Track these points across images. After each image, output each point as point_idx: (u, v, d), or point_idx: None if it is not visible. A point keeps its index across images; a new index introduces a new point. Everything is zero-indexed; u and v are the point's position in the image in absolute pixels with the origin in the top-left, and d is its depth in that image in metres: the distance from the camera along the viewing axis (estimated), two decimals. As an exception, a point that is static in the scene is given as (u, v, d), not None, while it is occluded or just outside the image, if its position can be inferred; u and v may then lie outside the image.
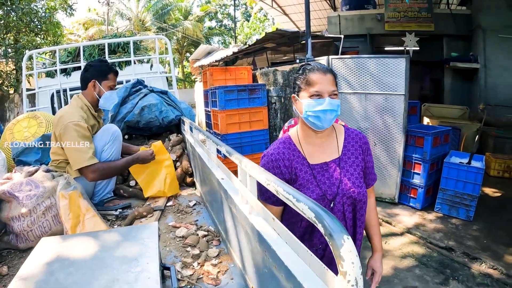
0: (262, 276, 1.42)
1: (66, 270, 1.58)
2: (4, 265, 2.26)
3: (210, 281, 1.81)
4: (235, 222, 1.74)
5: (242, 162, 1.51)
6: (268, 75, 7.50)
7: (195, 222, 2.65)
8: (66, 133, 2.82)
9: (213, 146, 2.32)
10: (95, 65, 3.16)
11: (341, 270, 0.81)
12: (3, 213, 2.44)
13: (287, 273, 1.06)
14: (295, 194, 1.06)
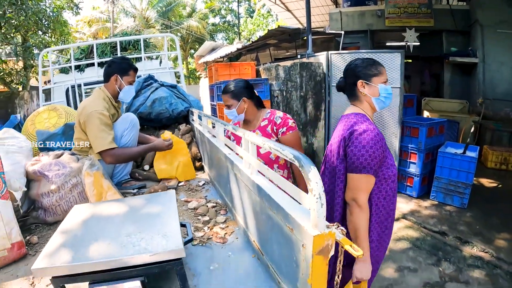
0: (260, 225, 1.79)
1: (99, 224, 1.91)
2: (34, 235, 2.54)
3: (219, 240, 2.15)
4: (239, 186, 2.10)
5: (245, 133, 1.89)
6: (270, 70, 7.77)
7: (204, 197, 2.99)
8: (90, 120, 3.14)
9: (221, 127, 2.68)
10: (118, 61, 3.48)
11: (309, 187, 1.17)
12: (33, 191, 2.74)
13: (277, 208, 1.43)
14: (281, 146, 1.43)
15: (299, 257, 1.28)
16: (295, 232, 1.28)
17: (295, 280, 1.37)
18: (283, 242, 1.45)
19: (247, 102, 2.99)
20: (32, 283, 1.92)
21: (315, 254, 1.17)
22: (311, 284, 1.22)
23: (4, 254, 2.14)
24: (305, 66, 7.03)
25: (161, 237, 1.63)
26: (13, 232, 2.20)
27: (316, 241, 1.15)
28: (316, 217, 1.18)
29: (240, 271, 1.83)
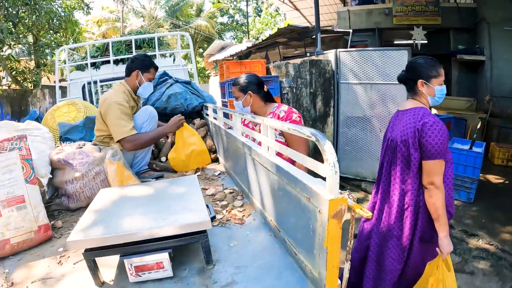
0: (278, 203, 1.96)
1: (127, 203, 2.07)
2: (58, 220, 2.69)
3: (237, 221, 2.31)
4: (257, 170, 2.27)
5: (264, 120, 2.06)
6: (280, 67, 7.91)
7: (221, 185, 3.15)
8: (110, 110, 3.31)
9: (238, 117, 2.83)
10: (141, 58, 3.67)
11: (325, 157, 1.34)
12: (57, 179, 2.90)
13: (295, 181, 1.60)
14: (299, 126, 1.62)
15: (316, 224, 1.44)
16: (312, 201, 1.45)
17: (311, 248, 1.53)
18: (300, 213, 1.61)
19: (253, 96, 3.17)
20: (59, 262, 2.05)
21: (330, 218, 1.33)
22: (327, 246, 1.37)
23: (31, 236, 2.27)
24: (314, 63, 7.16)
25: (188, 212, 1.79)
26: (40, 215, 2.34)
27: (331, 204, 1.31)
28: (331, 183, 1.35)
29: (258, 248, 1.98)
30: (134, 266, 1.70)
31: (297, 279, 1.66)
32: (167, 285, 1.72)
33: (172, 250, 1.73)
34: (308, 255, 1.60)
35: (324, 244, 1.38)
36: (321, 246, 1.42)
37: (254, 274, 1.73)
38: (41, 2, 11.27)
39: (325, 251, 1.39)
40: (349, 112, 7.57)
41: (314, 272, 1.55)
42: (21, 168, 2.36)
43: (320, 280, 1.50)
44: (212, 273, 1.77)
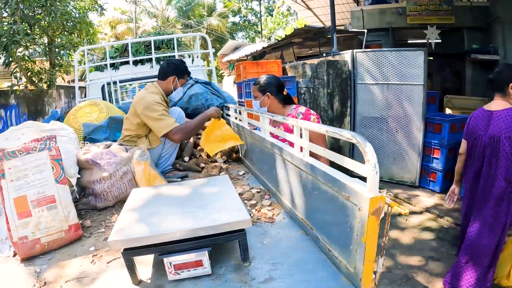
0: (310, 202, 2.01)
1: (164, 202, 2.13)
2: (86, 219, 2.74)
3: (267, 219, 2.37)
4: (287, 170, 2.32)
5: (298, 121, 2.11)
6: (297, 68, 7.96)
7: (247, 184, 3.19)
8: (151, 109, 3.46)
9: (266, 119, 2.88)
10: (178, 64, 3.82)
11: (366, 158, 1.42)
12: (85, 178, 2.96)
13: (333, 181, 1.67)
14: (339, 130, 1.66)
15: (354, 221, 1.51)
16: (351, 199, 1.51)
17: (347, 243, 1.59)
18: (337, 211, 1.67)
19: (270, 98, 3.29)
20: (92, 261, 2.09)
21: (370, 215, 1.40)
22: (366, 242, 1.44)
23: (61, 236, 2.32)
24: (331, 64, 7.21)
25: (228, 211, 1.85)
26: (71, 215, 2.39)
27: (372, 202, 1.38)
28: (371, 182, 1.42)
29: (291, 245, 2.03)
30: (173, 265, 1.74)
31: (331, 274, 1.71)
32: (205, 282, 1.76)
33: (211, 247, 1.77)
34: (343, 251, 1.66)
35: (363, 239, 1.45)
36: (359, 242, 1.48)
37: (290, 270, 1.77)
38: (56, 4, 11.37)
39: (363, 246, 1.45)
40: (365, 113, 7.60)
41: (350, 267, 1.60)
42: (51, 168, 2.41)
43: (355, 275, 1.56)
44: (249, 270, 1.82)
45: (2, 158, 2.34)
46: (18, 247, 2.21)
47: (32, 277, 2.01)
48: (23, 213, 2.25)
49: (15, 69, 10.69)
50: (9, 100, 10.99)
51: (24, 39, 9.87)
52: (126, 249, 1.74)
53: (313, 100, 7.46)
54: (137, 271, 1.81)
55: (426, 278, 4.36)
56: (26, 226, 2.23)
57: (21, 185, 2.30)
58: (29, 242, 2.22)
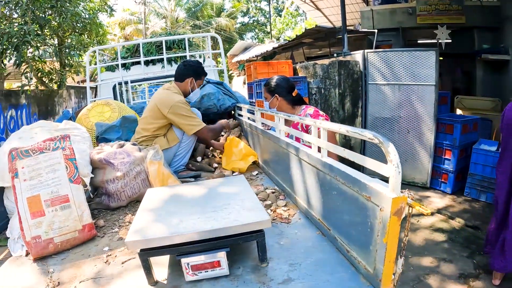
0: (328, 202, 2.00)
1: (180, 202, 2.13)
2: (100, 219, 2.74)
3: (283, 220, 2.36)
4: (303, 170, 2.32)
5: (316, 121, 2.10)
6: (308, 68, 7.96)
7: (261, 184, 3.18)
8: (179, 109, 3.54)
9: (282, 118, 2.87)
10: (195, 65, 3.88)
11: (389, 158, 1.41)
12: (98, 178, 2.96)
13: (353, 181, 1.66)
14: (360, 130, 1.65)
15: (375, 221, 1.50)
16: (372, 199, 1.50)
17: (367, 244, 1.58)
18: (356, 211, 1.66)
19: (279, 100, 3.33)
20: (106, 261, 2.09)
21: (392, 215, 1.39)
22: (387, 242, 1.43)
23: (75, 235, 2.32)
24: (343, 64, 7.20)
25: (247, 211, 1.85)
26: (84, 214, 2.39)
27: (394, 202, 1.37)
28: (394, 182, 1.41)
29: (308, 245, 2.02)
30: (191, 265, 1.73)
31: (349, 275, 1.70)
32: (223, 283, 1.76)
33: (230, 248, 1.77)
34: (362, 252, 1.65)
35: (384, 240, 1.44)
36: (380, 242, 1.47)
37: (308, 271, 1.77)
38: (66, 5, 11.45)
39: (384, 246, 1.44)
40: (377, 113, 7.58)
41: (369, 268, 1.60)
42: (65, 168, 2.42)
43: (375, 275, 1.55)
44: (267, 271, 1.81)
45: (15, 157, 2.35)
46: (31, 247, 2.22)
47: (45, 276, 2.01)
48: (37, 213, 2.25)
49: (25, 69, 10.76)
50: (20, 100, 11.08)
51: (34, 40, 9.93)
52: (143, 249, 1.74)
53: (324, 100, 7.45)
54: (153, 271, 1.81)
55: (438, 279, 4.34)
56: (39, 225, 2.24)
57: (35, 185, 2.31)
58: (42, 242, 2.22)
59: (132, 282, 1.87)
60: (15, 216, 2.49)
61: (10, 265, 2.23)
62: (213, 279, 1.78)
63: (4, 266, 2.22)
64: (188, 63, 3.92)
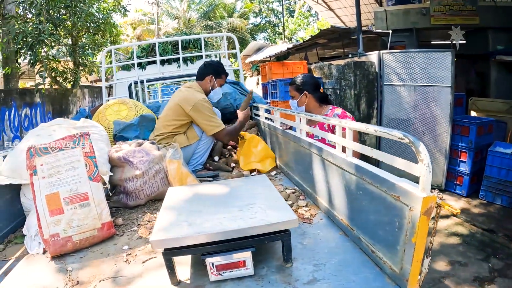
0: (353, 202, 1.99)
1: (204, 201, 2.12)
2: (118, 217, 2.74)
3: (305, 220, 2.36)
4: (327, 171, 2.31)
5: (342, 121, 2.11)
6: (323, 69, 7.94)
7: (280, 185, 3.17)
8: (200, 107, 3.56)
9: (303, 118, 2.86)
10: (215, 64, 3.91)
11: (420, 158, 1.41)
12: (116, 176, 2.96)
13: (381, 181, 1.66)
14: (389, 130, 1.65)
15: (403, 221, 1.50)
16: (401, 199, 1.50)
17: (394, 244, 1.58)
18: (384, 211, 1.66)
19: (308, 97, 3.30)
20: (126, 260, 2.09)
21: (422, 214, 1.39)
22: (416, 242, 1.43)
23: (94, 234, 2.32)
24: (358, 65, 7.19)
25: (273, 211, 1.84)
26: (104, 212, 2.39)
27: (424, 202, 1.38)
28: (425, 182, 1.41)
29: (331, 246, 2.02)
30: (215, 265, 1.73)
31: (374, 275, 1.70)
32: (247, 283, 1.75)
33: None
34: (388, 252, 1.65)
35: (413, 239, 1.44)
36: (408, 242, 1.47)
37: (333, 271, 1.76)
38: (81, 5, 11.55)
39: (413, 246, 1.44)
40: (392, 114, 7.55)
41: (395, 268, 1.59)
42: (84, 165, 2.41)
43: (401, 275, 1.55)
44: (292, 271, 1.80)
45: (34, 154, 2.35)
46: (49, 245, 2.22)
47: (63, 275, 2.01)
48: (55, 210, 2.25)
49: (40, 68, 10.87)
50: (34, 99, 11.20)
51: (49, 39, 10.03)
52: (167, 249, 1.74)
53: (339, 101, 7.44)
54: (177, 271, 1.81)
55: (453, 282, 4.32)
56: (58, 223, 2.24)
57: (54, 182, 2.30)
58: (60, 240, 2.23)
59: (153, 282, 1.87)
60: (33, 213, 2.51)
61: (27, 263, 2.23)
62: (237, 279, 1.78)
63: (21, 263, 2.23)
64: (208, 62, 3.98)
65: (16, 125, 10.64)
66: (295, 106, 3.37)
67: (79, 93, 14.26)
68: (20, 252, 2.40)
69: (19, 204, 2.78)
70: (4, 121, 10.17)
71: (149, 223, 2.60)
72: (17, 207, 2.78)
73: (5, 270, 2.16)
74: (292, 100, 3.40)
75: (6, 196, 2.71)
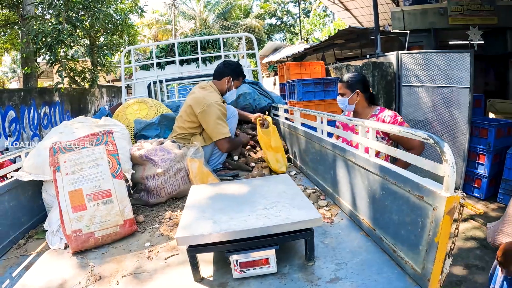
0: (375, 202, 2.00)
1: (227, 200, 2.15)
2: (139, 215, 2.79)
3: (326, 220, 2.37)
4: (349, 171, 2.32)
5: (365, 122, 2.12)
6: (341, 69, 7.94)
7: (300, 184, 3.18)
8: (210, 110, 3.55)
9: (325, 119, 2.90)
10: (234, 65, 3.94)
11: (444, 158, 1.43)
12: (137, 174, 3.01)
13: (404, 181, 1.67)
14: (413, 130, 1.67)
15: (426, 221, 1.52)
16: (425, 199, 1.51)
17: (416, 244, 1.59)
18: (407, 211, 1.67)
19: (360, 95, 3.21)
20: (149, 257, 2.12)
21: (445, 214, 1.41)
22: (439, 242, 1.44)
23: (116, 230, 2.36)
24: (377, 65, 7.17)
25: (297, 209, 1.87)
26: (126, 209, 2.43)
27: (448, 201, 1.39)
28: (449, 182, 1.42)
29: (353, 245, 2.03)
30: (239, 263, 1.75)
31: (396, 275, 1.71)
32: (270, 281, 1.77)
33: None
34: (411, 252, 1.66)
35: (436, 239, 1.45)
36: (431, 242, 1.48)
37: (355, 270, 1.77)
38: (99, 6, 11.69)
39: (436, 246, 1.46)
40: (410, 115, 7.51)
41: (417, 268, 1.60)
42: (107, 163, 2.45)
43: (423, 275, 1.56)
44: (314, 270, 1.82)
45: (57, 151, 2.40)
46: (71, 240, 2.26)
47: (85, 270, 2.05)
48: (78, 207, 2.29)
49: (58, 68, 11.02)
50: (53, 98, 11.38)
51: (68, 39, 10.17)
52: (191, 246, 1.76)
53: (358, 102, 7.45)
54: (200, 268, 1.83)
55: (470, 286, 4.31)
56: (81, 219, 2.28)
57: (77, 179, 2.35)
58: (82, 236, 2.27)
59: (176, 278, 1.89)
60: (54, 209, 2.56)
61: (49, 258, 2.28)
62: (260, 276, 1.80)
63: (43, 258, 2.28)
64: (227, 63, 3.99)
65: (35, 124, 10.81)
66: (345, 104, 3.28)
67: (97, 92, 14.45)
68: (41, 247, 2.45)
69: (40, 200, 2.84)
70: (24, 120, 10.33)
71: (171, 221, 2.63)
72: (38, 202, 2.85)
73: (26, 264, 2.22)
74: (343, 98, 3.29)
75: (28, 192, 2.78)
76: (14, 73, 29.03)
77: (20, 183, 2.67)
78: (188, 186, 2.95)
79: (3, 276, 2.09)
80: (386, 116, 3.09)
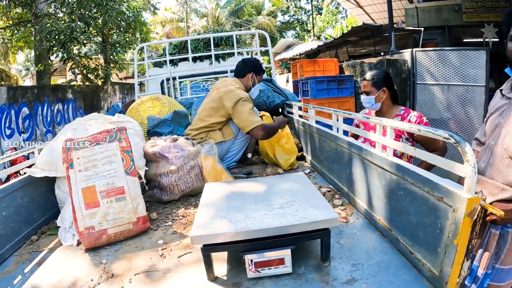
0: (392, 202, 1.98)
1: (243, 198, 2.13)
2: (152, 212, 2.78)
3: (342, 219, 2.34)
4: (366, 170, 2.29)
5: (383, 120, 2.11)
6: (355, 67, 7.87)
7: (315, 183, 3.16)
8: (241, 104, 3.55)
9: (341, 117, 2.87)
10: (254, 61, 3.98)
11: (466, 158, 1.40)
12: (151, 171, 3.01)
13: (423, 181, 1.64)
14: (433, 129, 1.64)
15: (445, 222, 1.48)
16: (445, 200, 1.48)
17: (435, 246, 1.56)
18: (425, 212, 1.64)
19: (386, 93, 3.14)
20: (162, 255, 2.10)
21: (466, 216, 1.37)
22: (458, 244, 1.42)
23: (129, 227, 2.36)
24: (391, 63, 7.11)
25: (314, 209, 1.84)
26: (139, 207, 2.42)
27: (469, 203, 1.36)
28: (470, 183, 1.39)
29: (368, 246, 2.00)
30: (254, 262, 1.73)
31: (412, 277, 1.68)
32: (285, 281, 1.75)
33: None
34: (428, 254, 1.63)
35: (455, 241, 1.42)
36: (450, 244, 1.46)
37: (371, 272, 1.75)
38: (111, 4, 11.74)
39: (455, 248, 1.43)
40: (425, 114, 7.30)
41: (434, 270, 1.58)
42: (121, 160, 2.45)
43: (440, 278, 1.53)
44: (330, 270, 1.79)
45: (70, 148, 2.40)
46: (83, 237, 2.26)
47: (97, 267, 2.04)
48: (91, 204, 2.30)
49: (72, 65, 11.09)
50: (66, 95, 11.46)
51: (81, 37, 10.22)
52: (206, 244, 1.74)
53: (371, 99, 7.40)
54: (214, 267, 1.82)
55: None
56: (93, 216, 2.29)
57: (90, 176, 2.35)
58: (95, 233, 2.27)
59: (189, 277, 1.87)
60: (67, 205, 2.56)
61: (61, 254, 2.28)
62: (275, 276, 1.78)
63: (55, 254, 2.28)
64: (247, 60, 4.03)
65: (49, 120, 10.90)
66: (371, 102, 3.18)
67: (110, 89, 14.53)
68: (53, 243, 2.46)
69: (53, 196, 2.84)
70: (37, 116, 10.41)
71: (184, 218, 2.63)
72: (50, 199, 2.85)
73: (39, 261, 2.22)
74: (368, 96, 3.19)
75: (41, 189, 2.79)
76: (28, 71, 29.23)
77: (33, 179, 2.67)
78: (202, 184, 2.95)
79: (15, 272, 2.09)
80: (412, 116, 3.02)
